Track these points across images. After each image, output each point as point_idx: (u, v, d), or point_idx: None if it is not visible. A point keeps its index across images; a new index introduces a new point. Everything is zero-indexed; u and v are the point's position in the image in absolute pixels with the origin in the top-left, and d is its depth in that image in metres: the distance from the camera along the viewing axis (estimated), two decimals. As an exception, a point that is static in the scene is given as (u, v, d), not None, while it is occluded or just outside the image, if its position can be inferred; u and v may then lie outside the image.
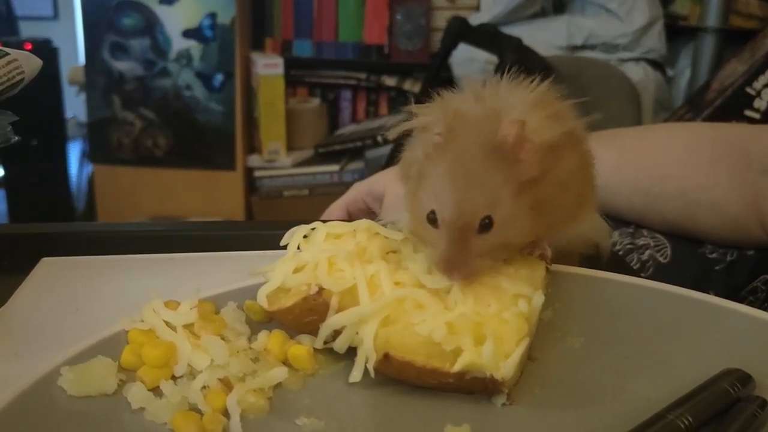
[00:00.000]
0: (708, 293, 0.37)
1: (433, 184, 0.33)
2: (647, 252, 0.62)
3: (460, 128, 0.32)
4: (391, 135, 0.36)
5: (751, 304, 0.56)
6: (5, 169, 2.23)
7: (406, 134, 0.36)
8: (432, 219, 0.33)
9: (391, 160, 1.71)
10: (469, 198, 0.32)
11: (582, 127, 0.36)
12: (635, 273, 0.59)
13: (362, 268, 0.34)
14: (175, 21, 2.02)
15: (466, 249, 0.32)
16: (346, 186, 0.74)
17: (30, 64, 0.46)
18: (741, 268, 0.60)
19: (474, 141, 0.32)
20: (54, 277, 0.49)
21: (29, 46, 2.07)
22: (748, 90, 1.53)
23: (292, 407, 0.32)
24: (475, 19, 1.88)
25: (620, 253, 0.62)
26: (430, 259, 0.34)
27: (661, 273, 0.60)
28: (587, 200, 0.37)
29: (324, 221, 0.39)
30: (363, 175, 1.98)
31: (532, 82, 0.34)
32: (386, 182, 0.67)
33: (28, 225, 0.58)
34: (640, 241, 0.63)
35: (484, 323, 0.32)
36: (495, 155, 0.32)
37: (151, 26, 2.02)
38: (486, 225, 0.32)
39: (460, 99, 0.34)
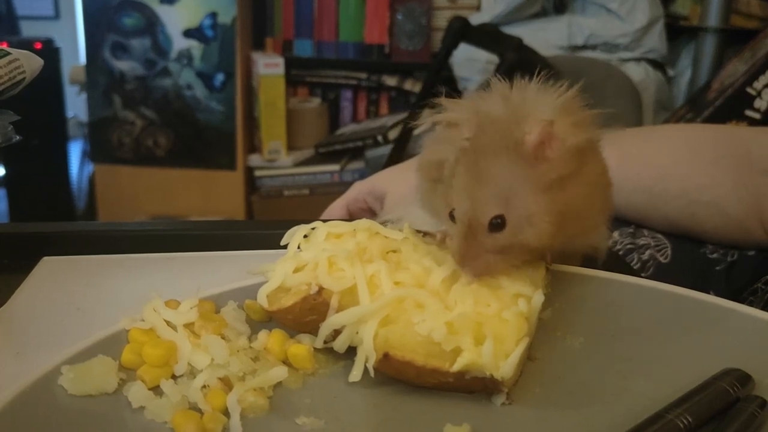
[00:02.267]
0: (708, 293, 0.37)
1: (455, 182, 0.34)
2: (648, 252, 0.62)
3: (486, 130, 0.33)
4: (421, 127, 0.36)
5: (751, 304, 0.56)
6: (6, 168, 2.23)
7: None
8: (452, 216, 0.34)
9: (391, 160, 1.70)
10: (480, 197, 0.32)
11: (601, 137, 0.36)
12: (635, 273, 0.59)
13: (362, 268, 0.34)
14: (175, 21, 2.02)
15: (477, 246, 0.33)
16: (347, 186, 0.74)
17: (31, 63, 0.46)
18: (742, 268, 0.60)
19: (497, 141, 0.32)
20: (54, 277, 0.49)
21: (39, 46, 2.07)
22: (749, 90, 1.53)
23: (292, 406, 0.32)
24: (476, 19, 1.88)
25: (621, 252, 0.62)
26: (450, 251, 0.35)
27: (661, 273, 0.60)
28: (607, 209, 0.38)
29: (324, 220, 0.39)
30: (363, 175, 1.98)
31: (559, 87, 0.34)
32: (387, 182, 0.67)
33: (29, 224, 0.58)
34: (641, 241, 0.63)
35: (483, 323, 0.32)
36: (515, 154, 0.32)
37: (151, 26, 2.02)
38: (497, 224, 0.32)
39: (488, 100, 0.34)
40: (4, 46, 0.46)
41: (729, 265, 0.61)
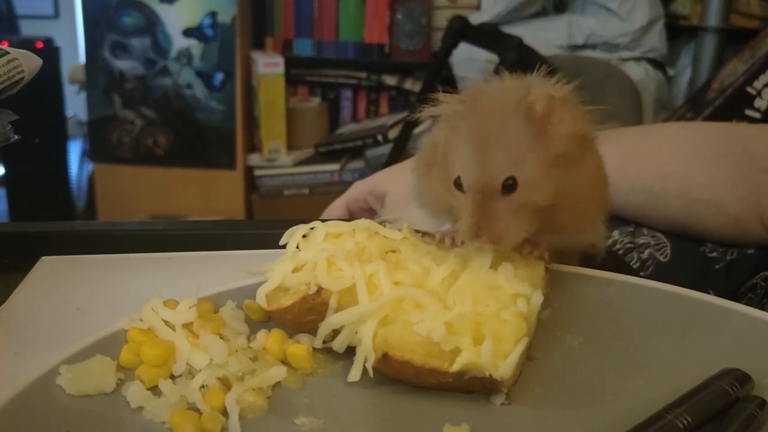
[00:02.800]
0: (708, 292, 0.37)
1: (456, 150, 0.33)
2: (647, 251, 0.62)
3: (484, 96, 0.32)
4: (422, 118, 0.35)
5: (750, 300, 0.56)
6: (6, 167, 2.23)
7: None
8: (458, 184, 0.33)
9: (391, 159, 1.70)
10: (491, 159, 0.32)
11: (596, 134, 0.36)
12: (635, 272, 0.59)
13: (361, 268, 0.34)
14: (175, 20, 2.02)
15: (492, 211, 0.32)
16: (347, 185, 0.74)
17: (30, 62, 0.46)
18: (741, 266, 0.60)
19: (500, 104, 0.32)
20: (53, 276, 0.49)
21: (41, 45, 2.07)
22: (749, 89, 1.53)
23: (291, 406, 0.32)
24: (476, 19, 1.88)
25: (620, 251, 0.62)
26: (459, 229, 0.33)
27: (660, 272, 0.60)
28: (604, 206, 0.38)
29: (324, 220, 0.39)
30: (363, 174, 1.98)
31: (557, 81, 0.34)
32: (388, 181, 0.67)
33: (28, 224, 0.58)
34: (640, 240, 0.63)
35: (483, 323, 0.32)
36: (521, 117, 0.32)
37: (151, 25, 2.02)
38: (510, 186, 0.32)
39: (485, 83, 0.34)
40: (5, 46, 0.46)
41: (728, 264, 0.61)
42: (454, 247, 0.37)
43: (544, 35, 1.89)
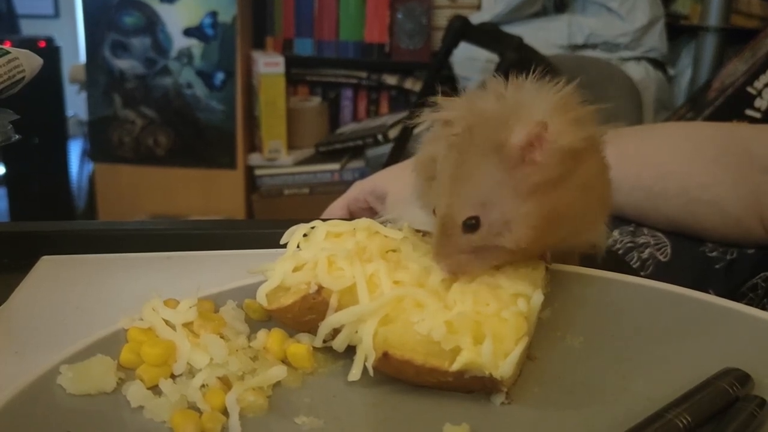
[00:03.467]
0: (708, 292, 0.37)
1: (439, 178, 0.34)
2: (647, 250, 0.62)
3: (475, 129, 0.32)
4: (419, 126, 0.36)
5: (750, 300, 0.56)
6: (6, 167, 2.23)
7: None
8: (435, 212, 0.34)
9: (392, 159, 1.70)
10: (458, 196, 0.33)
11: (601, 134, 0.35)
12: (635, 272, 0.59)
13: (362, 267, 0.34)
14: (176, 19, 2.02)
15: (452, 245, 0.33)
16: (347, 185, 0.74)
17: (31, 62, 0.46)
18: (741, 266, 0.60)
19: (483, 142, 0.32)
20: (54, 276, 0.49)
21: (43, 44, 2.07)
22: (749, 89, 1.53)
23: (292, 406, 0.32)
24: (476, 18, 1.88)
25: (620, 251, 0.62)
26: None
27: (661, 271, 0.60)
28: (605, 209, 0.37)
29: (325, 220, 0.39)
30: (364, 174, 1.98)
31: (556, 84, 0.33)
32: (388, 181, 0.67)
33: (29, 223, 0.58)
34: (641, 240, 0.63)
35: (483, 322, 0.32)
36: (497, 157, 0.32)
37: (152, 25, 2.02)
38: (471, 225, 0.32)
39: (483, 98, 0.34)
40: (7, 46, 0.46)
41: (728, 263, 0.61)
42: None
43: (545, 35, 1.89)
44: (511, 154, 0.31)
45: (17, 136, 0.46)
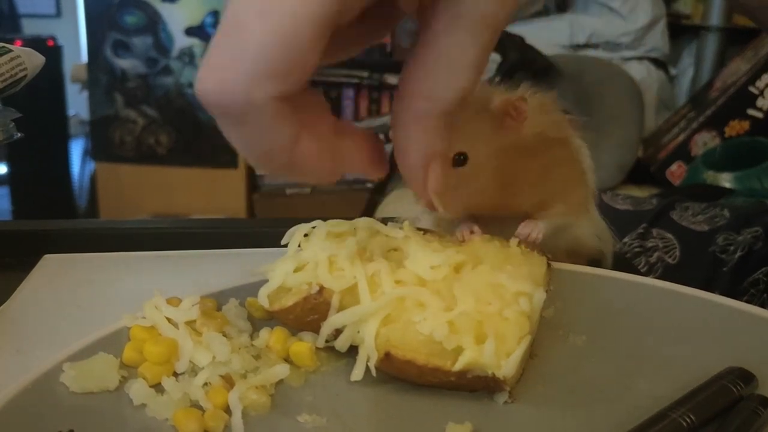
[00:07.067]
0: (714, 292, 0.37)
1: None
2: (656, 254, 0.62)
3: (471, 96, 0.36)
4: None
5: (751, 296, 0.56)
6: (8, 166, 2.23)
7: None
8: None
9: (393, 158, 1.70)
10: (450, 139, 0.36)
11: (573, 134, 0.39)
12: (642, 275, 0.58)
13: (363, 267, 0.34)
14: (177, 19, 2.02)
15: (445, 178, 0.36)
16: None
17: (32, 61, 0.46)
18: (749, 265, 0.60)
19: (476, 102, 0.37)
20: (56, 274, 0.50)
21: (51, 43, 2.08)
22: (751, 89, 1.52)
23: (294, 404, 0.32)
24: (478, 18, 1.88)
25: (628, 255, 0.62)
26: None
27: (669, 274, 0.60)
28: (575, 192, 0.40)
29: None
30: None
31: (541, 91, 0.38)
32: None
33: (31, 222, 0.58)
34: (649, 243, 0.63)
35: (485, 321, 0.32)
36: (488, 113, 0.36)
37: (153, 24, 2.02)
38: (460, 160, 0.36)
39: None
40: (18, 45, 0.46)
41: (737, 262, 0.60)
42: (464, 243, 0.37)
43: (546, 35, 1.89)
44: (496, 114, 0.36)
45: (20, 135, 0.46)
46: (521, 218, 0.39)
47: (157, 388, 0.32)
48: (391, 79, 2.15)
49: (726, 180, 1.41)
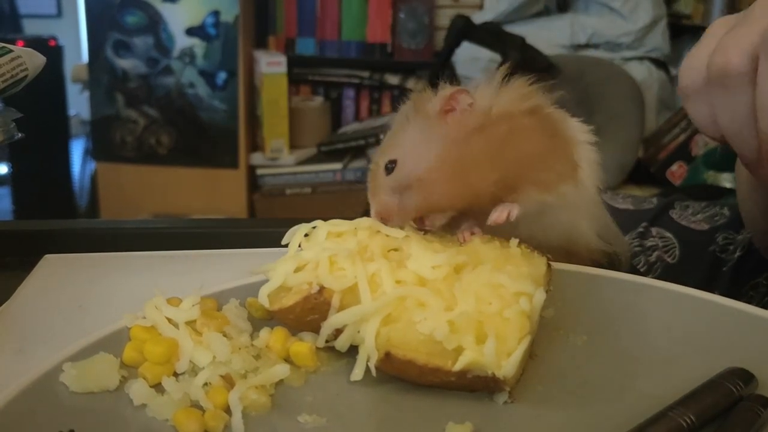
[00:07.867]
0: (714, 292, 0.37)
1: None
2: (655, 253, 0.62)
3: (417, 102, 0.39)
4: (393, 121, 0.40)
5: (750, 299, 0.56)
6: (9, 166, 2.23)
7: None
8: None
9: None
10: (384, 148, 0.39)
11: (546, 105, 0.39)
12: (641, 275, 0.58)
13: (363, 267, 0.34)
14: (178, 19, 2.02)
15: (378, 187, 0.38)
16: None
17: (33, 61, 0.46)
18: (748, 266, 0.60)
19: (416, 109, 0.38)
20: (57, 274, 0.50)
21: (53, 43, 2.08)
22: (752, 89, 1.51)
23: (294, 404, 0.32)
24: (479, 18, 1.88)
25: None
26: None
27: (668, 274, 0.60)
28: (548, 168, 0.38)
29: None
30: (366, 174, 1.98)
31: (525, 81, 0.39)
32: None
33: (32, 222, 0.58)
34: (649, 242, 0.63)
35: (485, 321, 0.32)
36: (421, 117, 0.38)
37: (154, 24, 2.02)
38: (390, 168, 0.37)
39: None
40: (20, 45, 0.46)
41: (737, 262, 0.60)
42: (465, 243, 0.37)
43: (547, 35, 1.89)
44: (429, 116, 0.37)
45: (20, 135, 0.46)
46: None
47: (158, 388, 0.32)
48: (392, 80, 2.15)
49: (726, 180, 1.41)
